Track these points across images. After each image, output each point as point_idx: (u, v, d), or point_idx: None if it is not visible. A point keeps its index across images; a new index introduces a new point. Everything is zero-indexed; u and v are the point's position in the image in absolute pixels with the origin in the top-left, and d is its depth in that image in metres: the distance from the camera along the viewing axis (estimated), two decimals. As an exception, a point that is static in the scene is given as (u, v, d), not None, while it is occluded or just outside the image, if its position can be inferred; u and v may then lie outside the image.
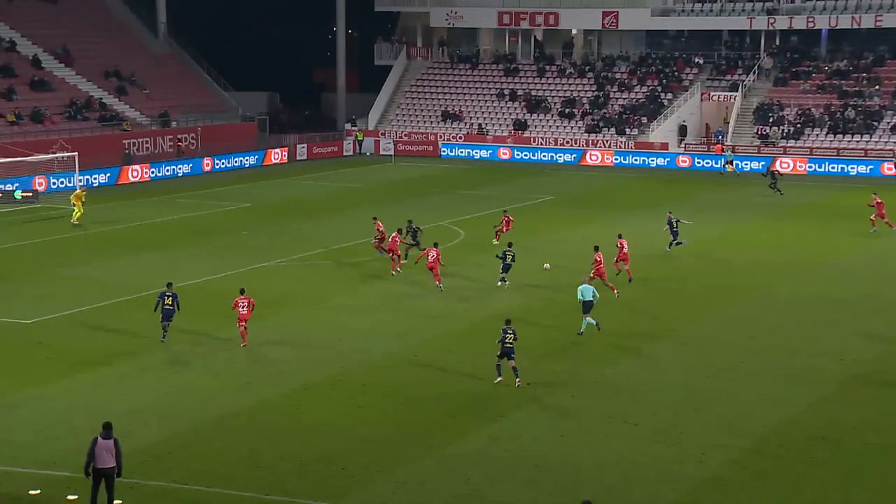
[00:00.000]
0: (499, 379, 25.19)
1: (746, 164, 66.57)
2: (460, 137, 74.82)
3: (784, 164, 65.57)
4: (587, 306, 28.95)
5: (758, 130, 69.96)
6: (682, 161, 68.19)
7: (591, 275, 32.27)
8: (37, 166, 53.09)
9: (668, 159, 68.48)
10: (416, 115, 78.05)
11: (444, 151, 73.12)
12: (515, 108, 76.68)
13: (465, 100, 78.24)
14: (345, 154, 73.85)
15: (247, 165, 66.78)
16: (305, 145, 72.27)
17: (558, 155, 70.88)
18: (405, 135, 75.61)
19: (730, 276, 36.76)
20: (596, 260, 32.91)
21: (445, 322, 30.65)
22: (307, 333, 29.32)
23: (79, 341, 28.27)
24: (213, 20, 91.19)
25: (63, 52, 68.25)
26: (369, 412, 23.47)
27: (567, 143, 72.35)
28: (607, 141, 71.62)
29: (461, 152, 72.94)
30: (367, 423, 22.82)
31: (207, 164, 64.52)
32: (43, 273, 36.36)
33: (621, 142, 71.13)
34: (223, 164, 65.45)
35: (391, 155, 71.81)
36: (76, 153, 52.01)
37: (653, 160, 68.42)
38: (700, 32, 76.99)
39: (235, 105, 75.85)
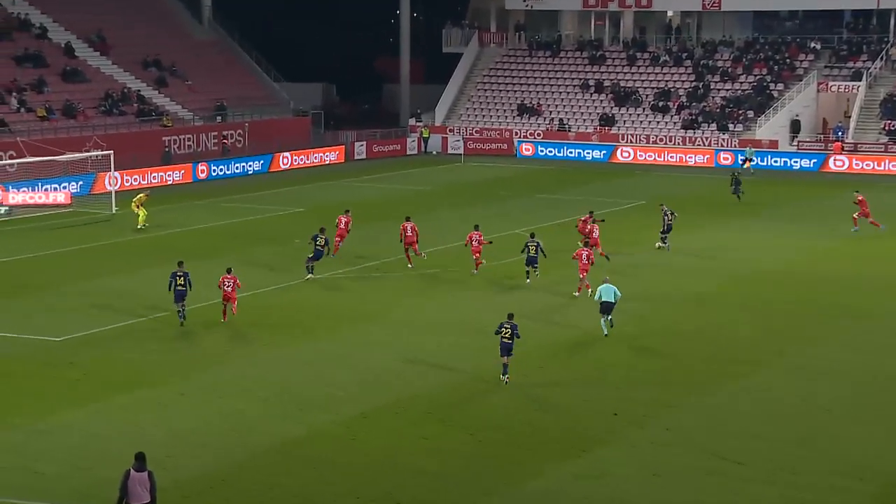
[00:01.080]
0: (503, 377, 27.05)
1: (869, 165, 65.46)
2: (539, 134, 74.71)
3: (915, 165, 64.43)
4: (605, 307, 30.55)
5: (885, 126, 68.61)
6: (794, 163, 67.20)
7: None
8: (69, 166, 54.15)
9: (783, 159, 67.39)
10: (489, 110, 78.12)
11: (520, 150, 73.08)
12: (601, 101, 76.36)
13: (545, 92, 78.15)
14: (408, 153, 74.19)
15: (299, 165, 67.43)
16: (364, 143, 72.74)
17: (648, 153, 70.32)
18: (476, 131, 75.70)
19: (846, 293, 36.11)
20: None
21: (521, 344, 30.47)
22: (366, 354, 29.42)
23: (113, 361, 28.70)
24: (262, 4, 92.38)
25: (98, 38, 69.61)
26: (435, 444, 23.44)
27: (660, 140, 71.82)
28: (706, 138, 70.91)
29: (540, 151, 72.83)
30: (433, 456, 22.79)
31: (255, 164, 65.27)
32: (76, 285, 37.04)
33: (723, 139, 70.34)
34: (278, 163, 66.12)
35: (460, 154, 71.97)
36: (111, 151, 52.92)
37: (764, 160, 67.24)
38: (817, 13, 75.90)
39: (287, 98, 76.67)
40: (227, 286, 32.17)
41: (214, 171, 62.86)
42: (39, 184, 52.83)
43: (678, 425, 24.46)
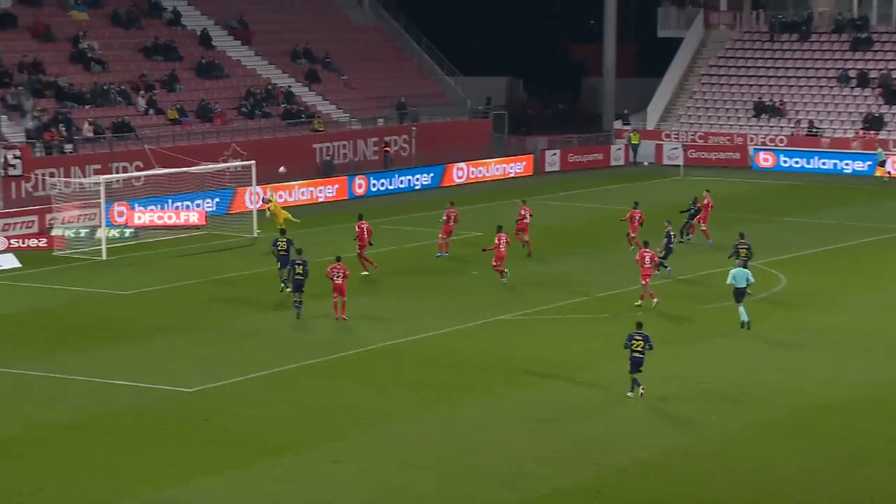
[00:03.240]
0: (630, 393, 29.75)
1: None
2: (781, 140, 73.71)
3: None
4: (739, 294, 34.25)
5: None
6: None
7: None
8: (203, 179, 55.99)
9: None
10: (717, 109, 77.50)
11: (756, 160, 72.09)
12: (865, 97, 74.77)
13: (790, 86, 77.15)
14: (613, 164, 74.19)
15: (477, 178, 68.12)
16: (558, 151, 73.07)
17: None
18: (700, 136, 75.18)
19: None
20: None
21: (768, 407, 30.25)
22: (563, 418, 29.52)
23: (254, 417, 29.58)
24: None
25: (239, 25, 72.01)
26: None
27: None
28: None
29: (782, 162, 71.75)
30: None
31: (424, 177, 66.20)
32: (211, 324, 38.35)
33: None
34: (451, 176, 66.96)
35: (679, 165, 71.55)
36: (253, 162, 54.45)
37: None
38: None
39: (463, 96, 77.64)
40: (338, 277, 35.39)
41: (374, 185, 64.14)
42: (169, 201, 54.86)
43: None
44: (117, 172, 55.86)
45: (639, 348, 30.25)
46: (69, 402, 30.53)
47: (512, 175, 70.04)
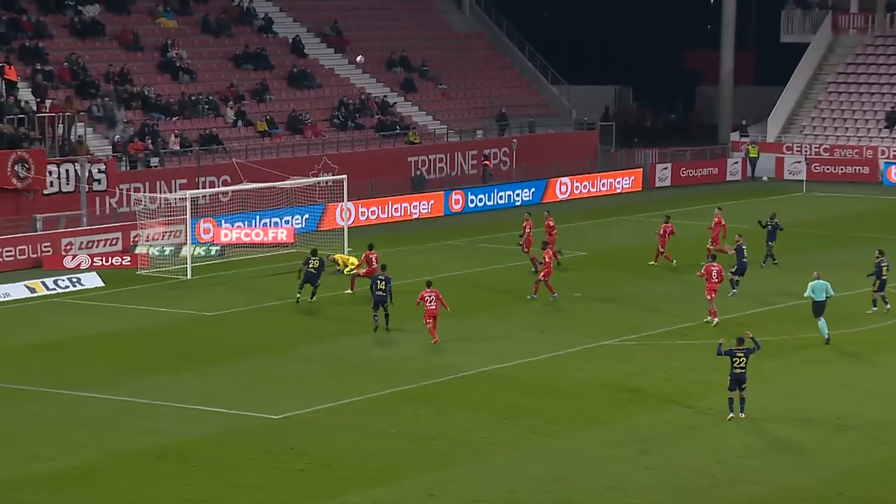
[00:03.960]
0: (731, 416, 30.57)
1: None
2: (915, 153, 72.96)
3: None
4: (818, 308, 35.90)
5: None
6: None
7: None
8: (292, 194, 56.65)
9: None
10: (844, 120, 76.83)
11: (888, 175, 71.41)
12: None
13: (929, 95, 76.19)
14: (729, 178, 73.82)
15: (582, 194, 68.11)
16: (669, 165, 72.84)
17: None
18: (825, 149, 74.56)
19: None
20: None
21: (889, 442, 29.96)
22: (672, 451, 29.49)
23: (345, 447, 29.84)
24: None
25: (333, 32, 72.76)
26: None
27: None
28: None
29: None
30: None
31: (525, 192, 66.30)
32: (299, 348, 38.83)
33: None
34: (554, 191, 67.06)
35: (802, 180, 70.92)
36: (345, 176, 54.86)
37: None
38: None
39: (568, 106, 77.73)
40: (431, 303, 37.60)
41: (472, 201, 64.42)
42: (257, 217, 55.58)
43: None
44: (204, 187, 56.68)
45: (742, 365, 30.58)
46: (152, 429, 31.06)
47: (619, 190, 69.94)
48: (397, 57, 73.28)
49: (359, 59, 56.74)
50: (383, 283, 39.34)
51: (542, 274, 43.87)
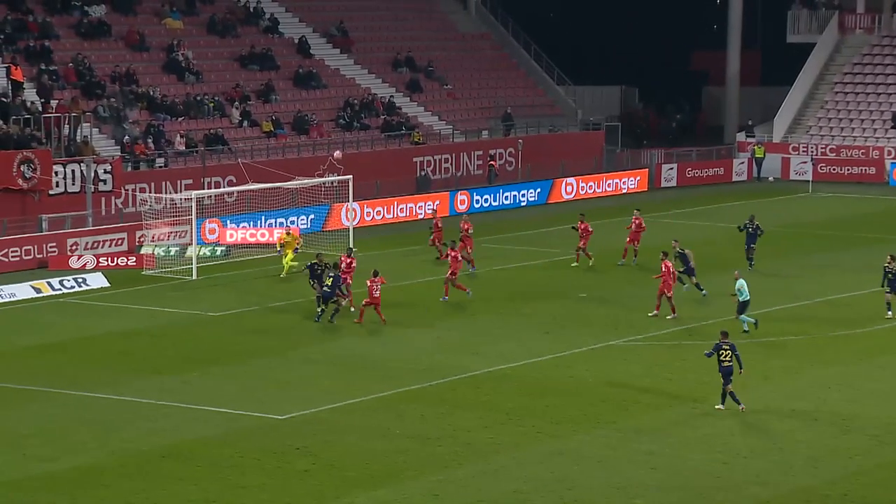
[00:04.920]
0: (719, 406, 31.72)
1: None
2: (921, 154, 72.90)
3: None
4: (743, 306, 38.32)
5: None
6: None
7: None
8: (297, 194, 56.63)
9: None
10: (851, 120, 76.74)
11: (894, 175, 71.38)
12: None
13: (934, 95, 76.15)
14: (735, 179, 73.76)
15: (588, 194, 68.11)
16: (675, 165, 72.82)
17: None
18: (832, 150, 74.51)
19: None
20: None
21: (894, 444, 29.94)
22: (677, 452, 29.45)
23: (349, 447, 29.85)
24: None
25: (339, 32, 72.75)
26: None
27: None
28: None
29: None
30: None
31: (530, 193, 66.33)
32: (302, 349, 38.81)
33: None
34: (559, 191, 67.08)
35: (808, 181, 70.88)
36: (350, 176, 54.89)
37: None
38: None
39: (573, 106, 77.69)
40: (376, 291, 39.81)
41: (477, 201, 64.40)
42: (262, 217, 55.58)
43: None
44: (209, 188, 56.67)
45: (728, 358, 31.36)
46: (156, 430, 31.06)
47: (625, 191, 69.90)
48: (403, 57, 73.28)
49: (336, 154, 57.17)
50: (331, 279, 40.23)
51: (450, 273, 43.87)
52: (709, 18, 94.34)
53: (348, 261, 42.91)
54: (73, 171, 53.78)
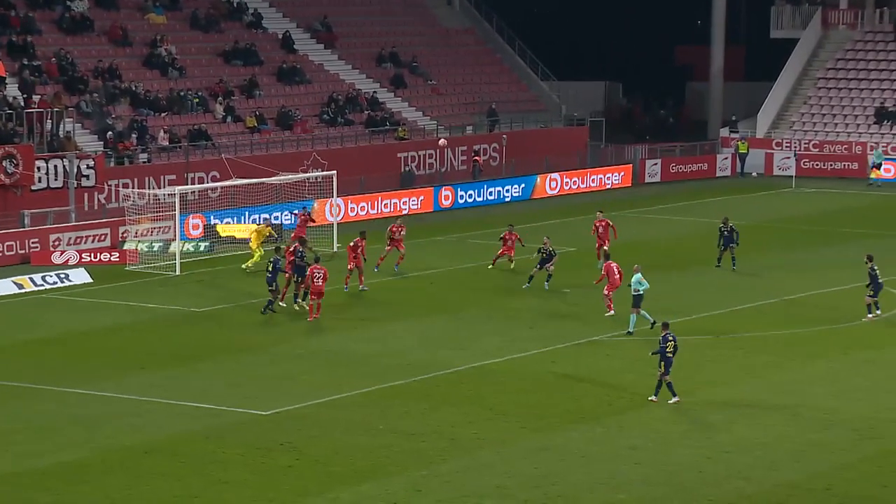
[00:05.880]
0: (674, 399, 32.06)
1: None
2: (904, 149, 73.11)
3: None
4: (638, 300, 38.13)
5: None
6: None
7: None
8: (282, 189, 56.67)
9: None
10: (834, 116, 76.93)
11: (876, 171, 71.54)
12: None
13: (915, 91, 76.33)
14: (719, 174, 73.86)
15: (572, 189, 68.23)
16: (659, 161, 72.93)
17: None
18: (814, 145, 74.70)
19: None
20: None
21: (876, 438, 30.08)
22: (660, 447, 29.55)
23: (333, 442, 29.91)
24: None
25: (322, 27, 72.71)
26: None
27: None
28: None
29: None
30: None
31: (514, 188, 66.40)
32: (289, 344, 38.83)
33: None
34: (544, 187, 67.12)
35: (791, 176, 71.07)
36: (334, 172, 54.95)
37: None
38: None
39: (557, 102, 77.75)
40: (318, 279, 39.41)
41: (461, 197, 64.45)
42: (246, 213, 55.55)
43: None
44: (193, 183, 56.67)
45: (671, 350, 32.07)
46: (141, 426, 31.06)
47: (609, 186, 69.98)
48: (387, 52, 73.28)
49: (441, 141, 57.02)
50: (271, 265, 41.15)
51: (350, 267, 44.28)
52: (693, 13, 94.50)
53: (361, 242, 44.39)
54: (55, 167, 53.69)
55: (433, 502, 26.42)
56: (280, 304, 42.07)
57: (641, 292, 38.64)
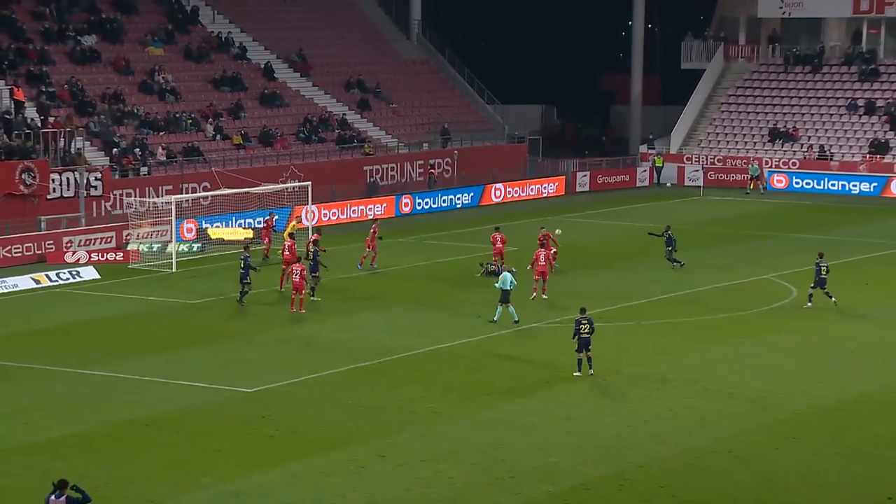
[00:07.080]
0: (577, 373, 32.31)
1: None
2: (794, 164, 73.42)
3: None
4: (506, 295, 37.51)
5: None
6: None
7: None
8: (264, 198, 56.55)
9: None
10: (735, 135, 77.29)
11: (771, 182, 71.99)
12: (873, 124, 74.39)
13: (802, 114, 76.83)
14: (638, 185, 74.11)
15: (513, 198, 68.28)
16: (588, 173, 73.08)
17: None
18: (719, 160, 75.01)
19: None
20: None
21: (770, 409, 30.25)
22: (587, 415, 29.64)
23: (308, 416, 29.84)
24: (475, 18, 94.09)
25: (299, 58, 72.47)
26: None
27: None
28: None
29: (795, 183, 71.54)
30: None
31: (464, 196, 66.46)
32: (269, 332, 38.68)
33: None
34: (489, 195, 67.15)
35: (699, 186, 71.41)
36: (309, 182, 54.87)
37: None
38: None
39: (501, 122, 77.78)
40: (296, 276, 38.82)
41: (419, 204, 64.36)
42: (233, 218, 55.36)
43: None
44: (187, 193, 56.41)
45: (586, 331, 32.35)
46: (142, 401, 30.90)
47: (545, 195, 70.09)
48: (355, 80, 73.12)
49: (557, 231, 52.55)
50: (243, 262, 40.64)
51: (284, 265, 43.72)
52: (615, 47, 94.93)
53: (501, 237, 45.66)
54: (67, 179, 53.34)
55: (395, 466, 26.42)
56: (312, 298, 41.39)
57: (509, 289, 38.06)
